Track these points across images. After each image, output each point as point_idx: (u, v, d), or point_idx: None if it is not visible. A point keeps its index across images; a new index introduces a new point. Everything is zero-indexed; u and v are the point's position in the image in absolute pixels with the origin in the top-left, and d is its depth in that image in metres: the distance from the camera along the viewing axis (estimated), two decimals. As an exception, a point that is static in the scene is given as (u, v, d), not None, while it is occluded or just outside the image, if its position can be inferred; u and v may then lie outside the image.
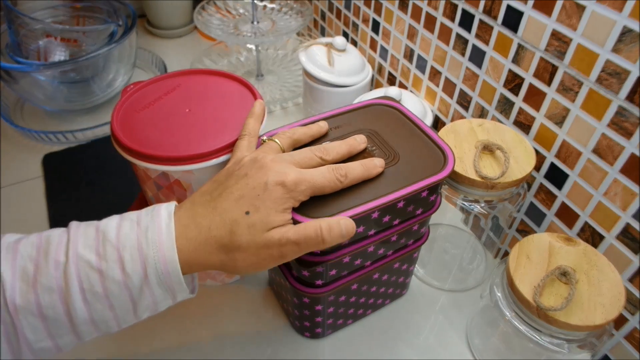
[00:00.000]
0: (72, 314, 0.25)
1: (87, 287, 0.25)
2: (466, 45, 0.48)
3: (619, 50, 0.34)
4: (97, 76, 0.68)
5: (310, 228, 0.28)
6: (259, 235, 0.28)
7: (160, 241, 0.27)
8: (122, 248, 0.26)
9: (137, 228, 0.27)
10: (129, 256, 0.26)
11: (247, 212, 0.28)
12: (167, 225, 0.27)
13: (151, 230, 0.27)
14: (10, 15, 0.62)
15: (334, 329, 0.44)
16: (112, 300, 0.26)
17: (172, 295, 0.28)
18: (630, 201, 0.36)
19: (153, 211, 0.28)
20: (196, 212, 0.29)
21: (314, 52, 0.61)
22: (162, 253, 0.26)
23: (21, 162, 0.62)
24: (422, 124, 0.38)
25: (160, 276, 0.27)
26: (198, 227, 0.28)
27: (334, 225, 0.28)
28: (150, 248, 0.26)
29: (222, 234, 0.28)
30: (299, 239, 0.28)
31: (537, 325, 0.34)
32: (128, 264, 0.26)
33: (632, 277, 0.37)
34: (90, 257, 0.26)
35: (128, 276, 0.26)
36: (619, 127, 0.35)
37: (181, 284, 0.28)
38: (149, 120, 0.38)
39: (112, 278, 0.26)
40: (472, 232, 0.54)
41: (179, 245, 0.27)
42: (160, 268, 0.26)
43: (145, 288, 0.27)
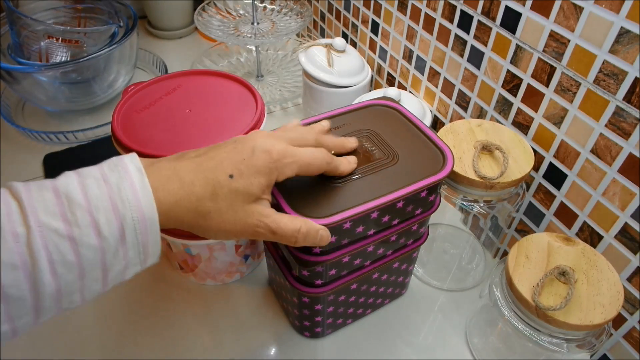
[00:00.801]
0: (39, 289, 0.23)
1: (57, 258, 0.23)
2: (465, 46, 0.49)
3: (616, 51, 0.34)
4: (98, 77, 0.68)
5: (290, 227, 0.29)
6: (239, 204, 0.27)
7: (136, 200, 0.25)
8: (96, 210, 0.24)
9: (107, 187, 0.25)
10: (104, 219, 0.24)
11: (231, 175, 0.27)
12: (141, 181, 0.25)
13: (124, 188, 0.25)
14: (12, 17, 0.62)
15: (333, 328, 0.44)
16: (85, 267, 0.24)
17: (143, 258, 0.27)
18: (629, 201, 0.36)
19: (118, 167, 0.26)
20: (179, 165, 0.28)
21: (313, 53, 0.62)
22: (140, 213, 0.25)
23: (22, 162, 0.62)
24: (421, 124, 0.38)
25: (138, 237, 0.25)
26: (180, 180, 0.27)
27: (312, 233, 0.29)
28: (127, 209, 0.24)
29: (203, 193, 0.27)
30: (276, 230, 0.28)
31: (536, 324, 0.34)
32: (104, 227, 0.24)
33: (631, 276, 0.38)
34: (58, 225, 0.23)
35: (105, 239, 0.24)
36: (616, 127, 0.35)
37: (156, 244, 0.26)
38: (149, 121, 0.38)
39: (87, 244, 0.24)
40: (471, 232, 0.54)
41: (160, 197, 0.26)
42: (139, 228, 0.25)
43: (121, 250, 0.25)
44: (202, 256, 0.44)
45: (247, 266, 0.48)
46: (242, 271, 0.48)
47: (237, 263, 0.47)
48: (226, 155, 0.28)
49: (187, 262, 0.46)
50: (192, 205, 0.27)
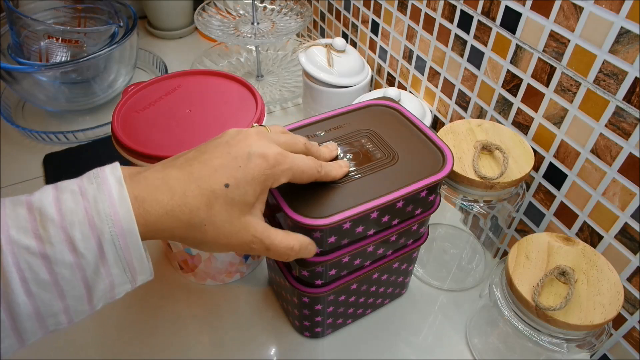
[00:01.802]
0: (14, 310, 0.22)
1: (30, 276, 0.22)
2: (465, 46, 0.49)
3: (616, 51, 0.34)
4: (98, 77, 0.68)
5: (284, 245, 0.29)
6: (236, 217, 0.26)
7: (114, 213, 0.23)
8: (70, 226, 0.22)
9: (83, 200, 0.23)
10: (79, 234, 0.23)
11: (227, 184, 0.26)
12: (119, 193, 0.24)
13: (101, 201, 0.23)
14: (12, 17, 0.62)
15: (333, 328, 0.44)
16: (63, 286, 0.23)
17: (132, 276, 0.25)
18: (629, 201, 0.36)
19: (97, 178, 0.24)
20: (169, 174, 0.26)
21: (313, 53, 0.62)
22: (119, 226, 0.23)
23: (22, 162, 0.62)
24: (421, 124, 0.38)
25: (119, 252, 0.24)
26: (171, 190, 0.25)
27: (303, 250, 0.30)
28: (104, 222, 0.23)
29: (198, 204, 0.25)
30: (270, 247, 0.28)
31: (536, 324, 0.34)
32: (80, 243, 0.22)
33: (631, 276, 0.38)
34: (29, 243, 0.22)
35: (82, 256, 0.23)
36: (616, 127, 0.35)
37: (142, 261, 0.25)
38: (149, 121, 0.38)
39: (61, 262, 0.22)
40: (471, 232, 0.54)
41: (147, 208, 0.24)
42: (118, 243, 0.23)
43: (102, 267, 0.23)
44: (202, 256, 0.44)
45: (247, 266, 0.48)
46: (242, 271, 0.48)
47: (237, 263, 0.47)
48: (220, 162, 0.26)
49: (187, 262, 0.46)
50: (184, 217, 0.25)
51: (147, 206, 0.24)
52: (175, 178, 0.26)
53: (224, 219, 0.26)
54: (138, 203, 0.24)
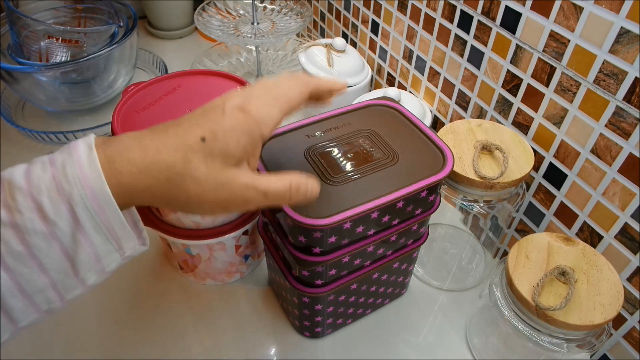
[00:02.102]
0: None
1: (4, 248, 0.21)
2: (465, 46, 0.49)
3: (616, 51, 0.34)
4: (98, 77, 0.68)
5: (282, 183, 0.26)
6: (219, 170, 0.24)
7: (83, 175, 0.22)
8: (37, 192, 0.22)
9: (52, 168, 0.23)
10: (47, 200, 0.22)
11: (203, 138, 0.24)
12: (88, 155, 0.23)
13: (70, 164, 0.22)
14: (12, 17, 0.62)
15: (333, 328, 0.44)
16: (41, 257, 0.22)
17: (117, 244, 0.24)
18: (629, 201, 0.36)
19: (69, 148, 0.24)
20: (143, 135, 0.24)
21: (313, 53, 0.62)
22: (89, 188, 0.22)
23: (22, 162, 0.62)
24: (421, 124, 0.38)
25: (94, 216, 0.22)
26: (144, 148, 0.24)
27: (302, 186, 0.27)
28: (73, 185, 0.22)
29: (174, 160, 0.24)
30: (267, 190, 0.26)
31: (536, 324, 0.34)
32: (49, 209, 0.22)
33: (631, 276, 0.38)
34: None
35: (53, 224, 0.22)
36: (616, 127, 0.35)
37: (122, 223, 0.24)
38: (149, 121, 0.38)
39: (33, 230, 0.21)
40: (471, 232, 0.54)
41: (118, 167, 0.23)
42: (91, 206, 0.22)
43: (79, 235, 0.22)
44: (202, 256, 0.44)
45: (247, 266, 0.48)
46: (242, 271, 0.48)
47: (237, 263, 0.47)
48: (196, 121, 0.25)
49: (187, 262, 0.46)
50: (161, 175, 0.24)
51: (118, 166, 0.23)
52: (149, 137, 0.24)
53: (206, 173, 0.24)
54: (108, 163, 0.23)
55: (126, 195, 0.24)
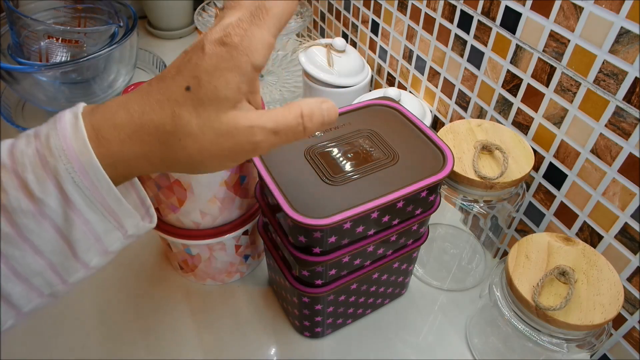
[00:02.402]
0: None
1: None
2: (465, 46, 0.49)
3: (616, 51, 0.34)
4: (98, 77, 0.68)
5: (292, 114, 0.22)
6: (214, 117, 0.21)
7: (67, 146, 0.20)
8: (22, 169, 0.20)
9: (36, 140, 0.21)
10: (32, 176, 0.20)
11: (188, 87, 0.21)
12: (74, 125, 0.21)
13: (54, 136, 0.21)
14: (12, 17, 0.62)
15: (333, 328, 0.44)
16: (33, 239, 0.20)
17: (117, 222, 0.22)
18: (629, 201, 0.36)
19: (55, 118, 0.22)
20: (129, 98, 0.22)
21: (313, 53, 0.62)
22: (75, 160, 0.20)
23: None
24: (421, 124, 0.38)
25: (85, 191, 0.20)
26: (129, 112, 0.21)
27: (316, 112, 0.23)
28: (58, 159, 0.20)
29: (161, 118, 0.21)
30: (277, 127, 0.22)
31: (536, 324, 0.34)
32: (34, 186, 0.20)
33: (631, 276, 0.38)
34: None
35: (41, 202, 0.20)
36: (616, 127, 0.35)
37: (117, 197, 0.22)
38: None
39: (20, 210, 0.20)
40: (471, 232, 0.54)
41: (105, 135, 0.21)
42: (80, 180, 0.20)
43: (71, 213, 0.21)
44: (202, 256, 0.44)
45: (247, 266, 0.48)
46: (242, 271, 0.48)
47: (237, 263, 0.47)
48: (176, 70, 0.22)
49: (187, 262, 0.46)
50: (152, 138, 0.21)
51: (105, 133, 0.21)
52: (134, 100, 0.22)
53: (201, 125, 0.21)
54: (95, 132, 0.21)
55: (120, 166, 0.22)
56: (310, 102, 0.23)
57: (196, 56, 0.21)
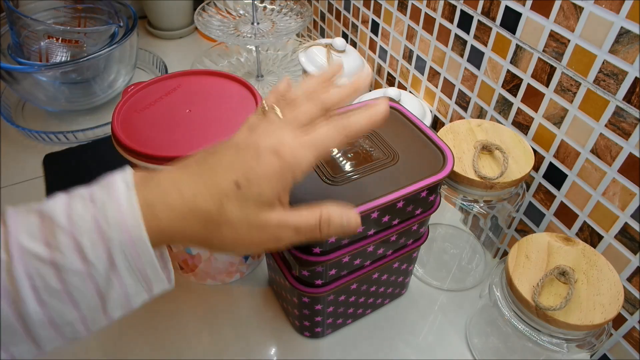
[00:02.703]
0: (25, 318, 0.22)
1: (40, 284, 0.22)
2: (465, 46, 0.49)
3: (616, 52, 0.34)
4: (98, 77, 0.68)
5: (312, 216, 0.26)
6: (253, 214, 0.24)
7: (122, 220, 0.23)
8: (79, 233, 0.22)
9: (92, 206, 0.23)
10: (88, 242, 0.22)
11: (238, 184, 0.24)
12: (128, 198, 0.23)
13: (110, 207, 0.23)
14: (12, 17, 0.62)
15: (333, 328, 0.44)
16: (75, 295, 0.22)
17: (147, 286, 0.25)
18: (629, 201, 0.36)
19: (108, 184, 0.24)
20: (179, 178, 0.25)
21: (313, 53, 0.62)
22: (127, 233, 0.23)
23: (22, 162, 0.62)
24: (421, 124, 0.38)
25: (130, 260, 0.23)
26: (181, 194, 0.24)
27: (334, 218, 0.26)
28: (113, 229, 0.22)
29: (209, 207, 0.24)
30: (298, 226, 0.25)
31: (536, 324, 0.34)
32: (89, 251, 0.22)
33: (631, 276, 0.38)
34: (39, 250, 0.22)
35: (91, 265, 0.22)
36: (616, 127, 0.35)
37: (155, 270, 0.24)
38: (149, 121, 0.38)
39: (71, 270, 0.22)
40: (471, 232, 0.54)
41: (157, 213, 0.23)
42: (128, 251, 0.23)
43: (113, 277, 0.23)
44: (202, 256, 0.44)
45: (247, 266, 0.48)
46: (242, 271, 0.48)
47: (237, 263, 0.47)
48: (229, 164, 0.25)
49: (187, 262, 0.46)
50: (197, 221, 0.24)
51: (157, 211, 0.24)
52: (185, 181, 0.25)
53: (240, 218, 0.24)
54: (148, 208, 0.23)
55: (164, 239, 0.24)
56: (332, 209, 0.26)
57: (250, 157, 0.24)
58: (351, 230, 0.26)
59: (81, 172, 0.61)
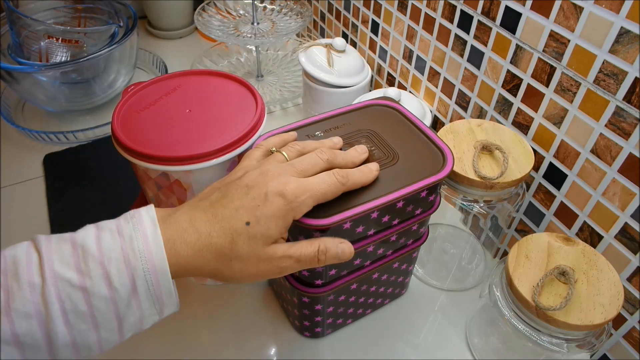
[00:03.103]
0: (52, 338, 0.24)
1: (70, 307, 0.24)
2: (465, 46, 0.49)
3: (616, 51, 0.34)
4: (98, 77, 0.68)
5: (311, 248, 0.29)
6: (260, 249, 0.28)
7: (148, 251, 0.26)
8: (108, 262, 0.25)
9: (120, 239, 0.26)
10: (115, 270, 0.25)
11: (248, 222, 0.28)
12: (153, 232, 0.26)
13: (136, 239, 0.26)
14: (12, 17, 0.62)
15: (333, 328, 0.44)
16: (98, 318, 0.25)
17: (160, 309, 0.27)
18: (629, 201, 0.36)
19: (133, 218, 0.27)
20: (195, 217, 0.28)
21: (313, 53, 0.62)
22: (151, 264, 0.26)
23: (22, 162, 0.62)
24: (421, 124, 0.38)
25: (150, 288, 0.26)
26: (197, 232, 0.27)
27: (330, 250, 0.30)
28: (138, 260, 0.25)
29: (222, 243, 0.27)
30: (300, 257, 0.29)
31: (536, 324, 0.34)
32: (115, 278, 0.25)
33: (631, 276, 0.38)
34: (71, 276, 0.24)
35: (116, 291, 0.25)
36: (616, 127, 0.35)
37: (171, 295, 0.27)
38: (149, 121, 0.38)
39: (98, 295, 0.24)
40: (471, 232, 0.54)
41: (177, 249, 0.27)
42: (150, 279, 0.26)
43: (134, 301, 0.26)
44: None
45: (247, 266, 0.48)
46: (242, 271, 0.48)
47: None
48: (240, 203, 0.28)
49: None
50: (211, 256, 0.27)
51: (177, 247, 0.27)
52: (201, 220, 0.28)
53: (249, 252, 0.28)
54: (170, 244, 0.27)
55: (180, 272, 0.27)
56: (328, 241, 0.30)
57: (259, 198, 0.28)
58: (345, 259, 0.30)
59: (81, 172, 0.61)
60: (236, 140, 0.36)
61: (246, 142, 0.37)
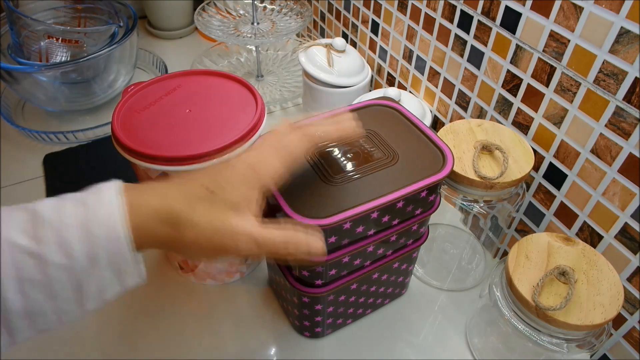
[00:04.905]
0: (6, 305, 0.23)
1: (23, 275, 0.23)
2: (465, 46, 0.49)
3: (616, 51, 0.34)
4: (98, 77, 0.68)
5: (280, 237, 0.27)
6: (218, 219, 0.26)
7: (109, 219, 0.24)
8: (65, 229, 0.24)
9: (82, 207, 0.25)
10: (73, 237, 0.24)
11: (209, 188, 0.26)
12: (116, 200, 0.25)
13: (100, 208, 0.25)
14: (12, 17, 0.62)
15: (333, 328, 0.44)
16: (55, 286, 0.24)
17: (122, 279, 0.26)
18: (629, 201, 0.36)
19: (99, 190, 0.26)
20: (159, 184, 0.27)
21: (313, 53, 0.62)
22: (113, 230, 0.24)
23: (22, 162, 0.62)
24: (421, 124, 0.38)
25: (110, 256, 0.24)
26: (155, 192, 0.26)
27: (301, 244, 0.28)
28: (98, 227, 0.24)
29: (178, 204, 0.26)
30: (263, 241, 0.27)
31: (536, 324, 0.34)
32: (73, 246, 0.23)
33: (631, 276, 0.38)
34: (24, 242, 0.23)
35: (73, 259, 0.24)
36: (616, 127, 0.35)
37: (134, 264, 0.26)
38: (149, 121, 0.38)
39: (52, 262, 0.23)
40: (471, 232, 0.54)
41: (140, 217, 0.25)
42: (110, 247, 0.24)
43: (93, 270, 0.24)
44: (202, 256, 0.44)
45: (247, 266, 0.48)
46: (242, 271, 0.48)
47: (237, 263, 0.47)
48: (204, 172, 0.28)
49: (187, 262, 0.46)
50: (165, 217, 0.26)
51: (140, 215, 0.25)
52: (162, 185, 0.27)
53: (206, 221, 0.26)
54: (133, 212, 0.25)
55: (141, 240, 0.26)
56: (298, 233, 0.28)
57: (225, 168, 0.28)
58: (317, 253, 0.28)
59: (81, 172, 0.61)
60: (236, 140, 0.36)
61: (246, 142, 0.37)
